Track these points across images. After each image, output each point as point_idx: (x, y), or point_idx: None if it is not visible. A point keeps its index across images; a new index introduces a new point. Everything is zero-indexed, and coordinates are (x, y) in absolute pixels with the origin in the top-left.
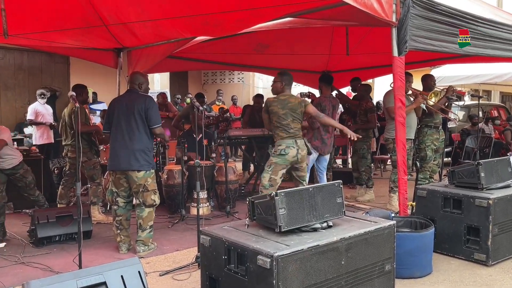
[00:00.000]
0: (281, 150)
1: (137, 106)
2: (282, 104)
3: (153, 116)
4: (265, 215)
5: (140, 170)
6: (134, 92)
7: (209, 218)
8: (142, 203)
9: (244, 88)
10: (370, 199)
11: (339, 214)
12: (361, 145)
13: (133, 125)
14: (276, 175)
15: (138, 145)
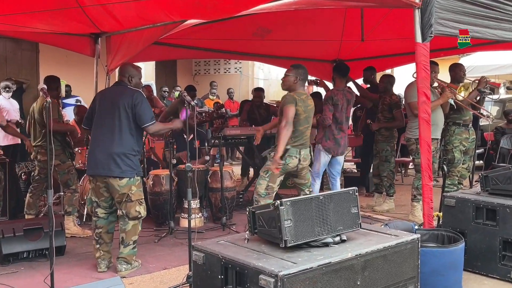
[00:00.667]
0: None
1: (123, 102)
2: (305, 105)
3: (143, 114)
4: (268, 227)
5: (122, 177)
6: (121, 86)
7: (202, 231)
8: (125, 215)
9: (242, 79)
10: (389, 209)
11: (354, 227)
12: (383, 146)
13: (116, 123)
14: (274, 183)
15: (118, 147)
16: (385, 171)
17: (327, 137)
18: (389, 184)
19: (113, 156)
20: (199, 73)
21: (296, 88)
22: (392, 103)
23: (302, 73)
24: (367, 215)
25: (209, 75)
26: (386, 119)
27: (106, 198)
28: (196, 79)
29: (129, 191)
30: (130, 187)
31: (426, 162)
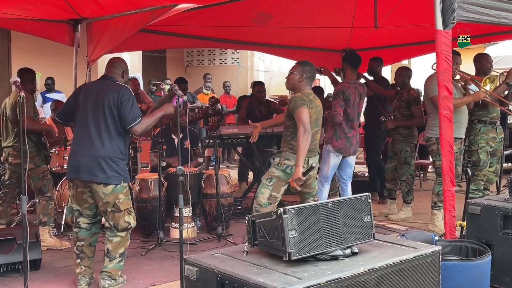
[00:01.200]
0: (287, 166)
1: (109, 99)
2: (313, 107)
3: (128, 113)
4: (270, 238)
5: (107, 183)
6: (108, 80)
7: (195, 243)
8: (114, 226)
9: (240, 72)
10: (406, 218)
11: (366, 238)
12: (402, 146)
13: (102, 123)
14: (278, 192)
15: (105, 150)
16: (404, 175)
17: (338, 136)
18: (407, 190)
19: (98, 159)
20: (191, 65)
21: (302, 87)
22: (410, 99)
23: (309, 70)
24: (381, 224)
25: (202, 67)
26: (404, 117)
27: (90, 205)
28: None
29: (116, 200)
30: (117, 195)
31: (447, 164)
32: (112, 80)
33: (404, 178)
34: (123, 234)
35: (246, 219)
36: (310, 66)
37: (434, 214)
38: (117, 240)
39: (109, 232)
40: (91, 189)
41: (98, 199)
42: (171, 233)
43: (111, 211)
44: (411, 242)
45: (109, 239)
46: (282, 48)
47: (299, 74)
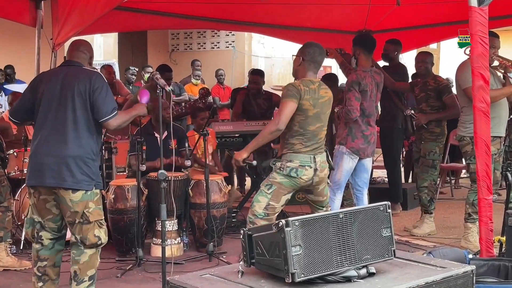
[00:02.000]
0: (291, 169)
1: (79, 87)
2: (314, 98)
3: (103, 103)
4: (270, 256)
5: (76, 189)
6: (75, 66)
7: (180, 262)
8: (80, 241)
9: (236, 58)
10: (431, 232)
11: (386, 255)
12: (432, 147)
13: (69, 117)
14: (278, 202)
15: (74, 149)
16: (427, 180)
17: (354, 135)
18: (429, 198)
19: (67, 160)
20: (177, 49)
21: (301, 73)
22: (440, 87)
23: (310, 53)
24: (404, 240)
25: (191, 52)
26: (434, 109)
27: (54, 216)
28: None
29: (85, 209)
30: (86, 203)
31: (483, 168)
32: (79, 66)
33: (426, 184)
34: (92, 251)
35: (241, 234)
36: (313, 47)
37: (468, 228)
38: (85, 260)
39: (75, 250)
40: (56, 196)
41: (65, 208)
42: (153, 250)
43: (78, 222)
44: (439, 260)
45: (75, 258)
46: (286, 30)
47: (298, 57)
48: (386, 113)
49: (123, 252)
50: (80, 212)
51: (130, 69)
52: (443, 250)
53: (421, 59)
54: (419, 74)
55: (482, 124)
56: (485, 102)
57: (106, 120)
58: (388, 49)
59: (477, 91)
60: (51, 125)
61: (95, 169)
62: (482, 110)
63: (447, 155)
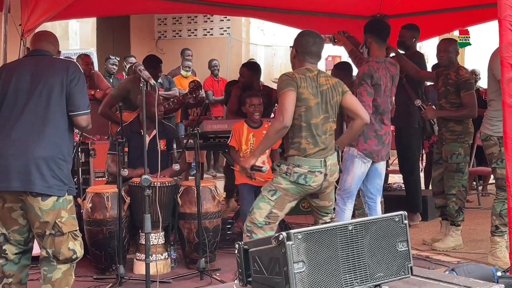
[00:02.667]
0: (299, 175)
1: (54, 79)
2: (313, 86)
3: (80, 95)
4: (269, 274)
5: (47, 194)
6: (46, 56)
7: (168, 281)
8: (53, 255)
9: (232, 46)
10: (456, 246)
11: (402, 273)
12: (454, 148)
13: (40, 113)
14: (281, 210)
15: (46, 149)
16: (455, 187)
17: (367, 135)
18: (458, 207)
19: (37, 162)
20: (164, 37)
21: (296, 65)
22: (459, 81)
23: (303, 44)
24: (425, 255)
25: (180, 40)
26: (454, 106)
27: (21, 227)
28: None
29: (57, 219)
30: (58, 212)
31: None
32: (48, 55)
33: (454, 191)
34: (66, 267)
35: (236, 248)
36: (305, 36)
37: (496, 242)
38: (58, 277)
39: (47, 267)
40: (24, 204)
41: (33, 218)
42: (136, 267)
43: (50, 234)
44: (463, 279)
45: (47, 276)
46: (289, 14)
47: (293, 48)
48: (402, 110)
49: (102, 269)
50: (51, 223)
51: (111, 59)
52: (468, 266)
53: (443, 48)
54: (441, 65)
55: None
56: None
57: (81, 115)
58: (404, 35)
59: (506, 84)
60: (18, 123)
61: (68, 172)
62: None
63: (473, 158)
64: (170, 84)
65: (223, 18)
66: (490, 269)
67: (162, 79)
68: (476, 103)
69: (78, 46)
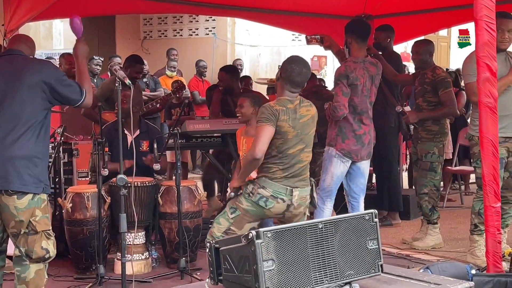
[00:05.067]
0: (260, 197)
1: (30, 79)
2: (293, 119)
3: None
4: (239, 272)
5: (24, 192)
6: (17, 55)
7: (148, 281)
8: (26, 254)
9: (217, 46)
10: (436, 245)
11: (372, 271)
12: (429, 148)
13: (15, 112)
14: (240, 229)
15: (22, 148)
16: (427, 186)
17: (345, 135)
18: (431, 206)
19: (14, 161)
20: (150, 37)
21: (279, 92)
22: (436, 80)
23: (287, 70)
24: (405, 254)
25: (165, 40)
26: (431, 105)
27: None
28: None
29: (32, 218)
30: (33, 211)
31: (490, 172)
32: (22, 55)
33: (426, 191)
34: (39, 266)
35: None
36: (293, 65)
37: (475, 240)
38: (31, 277)
39: (19, 267)
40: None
41: (9, 217)
42: (116, 267)
43: (24, 233)
44: (433, 277)
45: (21, 276)
46: (275, 15)
47: (279, 72)
48: (378, 110)
49: (82, 269)
50: (26, 221)
51: (95, 59)
52: (442, 264)
53: (414, 50)
54: (415, 67)
55: (488, 121)
56: (492, 97)
57: (83, 102)
58: (378, 37)
59: (482, 84)
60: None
61: (43, 169)
62: (488, 105)
63: (456, 157)
64: (156, 85)
65: (208, 18)
66: (465, 267)
67: (148, 79)
68: (455, 100)
69: (62, 46)
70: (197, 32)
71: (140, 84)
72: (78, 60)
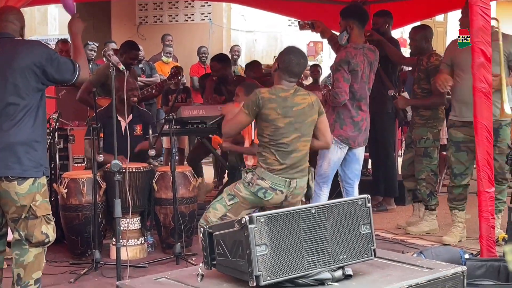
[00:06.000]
0: (259, 188)
1: (20, 62)
2: (283, 106)
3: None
4: (232, 257)
5: (23, 177)
6: (6, 38)
7: (143, 266)
8: (25, 238)
9: (213, 32)
10: (431, 230)
11: (364, 255)
12: (422, 133)
13: (10, 96)
14: (236, 215)
15: (20, 133)
16: (423, 171)
17: (343, 121)
18: (429, 192)
19: (13, 147)
20: (145, 22)
21: (275, 81)
22: (429, 67)
23: (285, 61)
24: (399, 239)
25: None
26: (424, 93)
27: None
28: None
29: (32, 202)
30: (34, 195)
31: (484, 157)
32: (11, 37)
33: (423, 176)
34: (38, 250)
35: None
36: (290, 55)
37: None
38: (30, 261)
39: (18, 250)
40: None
41: (10, 203)
42: (112, 252)
43: (24, 217)
44: (426, 261)
45: (19, 260)
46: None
47: (275, 63)
48: (375, 95)
49: (78, 254)
50: (27, 205)
51: (89, 45)
52: (436, 249)
53: (410, 37)
54: (412, 53)
55: (483, 107)
56: (486, 82)
57: (78, 78)
58: (377, 22)
59: (477, 69)
60: None
61: (43, 153)
62: (482, 91)
63: None
64: (152, 70)
65: (204, 4)
66: (458, 251)
67: (143, 65)
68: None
69: (57, 31)
70: (192, 18)
71: (136, 70)
72: (73, 36)
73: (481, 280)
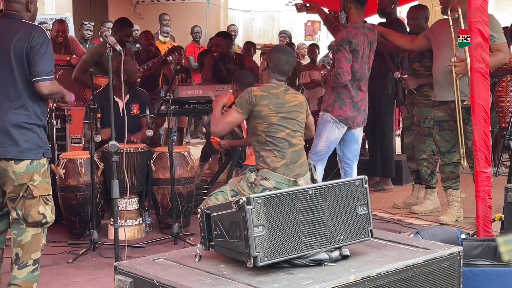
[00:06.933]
0: (263, 189)
1: (16, 45)
2: (276, 103)
3: (39, 61)
4: (230, 238)
5: (20, 159)
6: (12, 19)
7: (141, 246)
8: (22, 218)
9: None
10: (434, 209)
11: (362, 236)
12: (426, 113)
13: (8, 77)
14: None
15: (16, 114)
16: (425, 151)
17: (342, 101)
18: (430, 171)
19: (8, 128)
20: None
21: (264, 79)
22: None
23: (275, 59)
24: (396, 219)
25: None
26: (428, 71)
27: None
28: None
29: (30, 182)
30: (32, 175)
31: (481, 137)
32: (17, 19)
33: (424, 156)
34: (36, 230)
35: (199, 213)
36: (280, 54)
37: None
38: (27, 240)
39: (16, 230)
40: None
41: (8, 182)
42: (110, 233)
43: (22, 196)
44: (423, 241)
45: (17, 239)
46: None
47: (264, 62)
48: (375, 75)
49: (76, 234)
50: (26, 184)
51: (85, 24)
52: (432, 229)
53: (411, 16)
54: (412, 33)
55: (480, 87)
56: (483, 62)
57: (40, 81)
58: (382, 2)
59: (474, 49)
60: None
61: (42, 135)
62: (480, 71)
63: None
64: None
65: None
66: (455, 231)
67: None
68: None
69: (54, 11)
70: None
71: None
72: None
73: (478, 260)
